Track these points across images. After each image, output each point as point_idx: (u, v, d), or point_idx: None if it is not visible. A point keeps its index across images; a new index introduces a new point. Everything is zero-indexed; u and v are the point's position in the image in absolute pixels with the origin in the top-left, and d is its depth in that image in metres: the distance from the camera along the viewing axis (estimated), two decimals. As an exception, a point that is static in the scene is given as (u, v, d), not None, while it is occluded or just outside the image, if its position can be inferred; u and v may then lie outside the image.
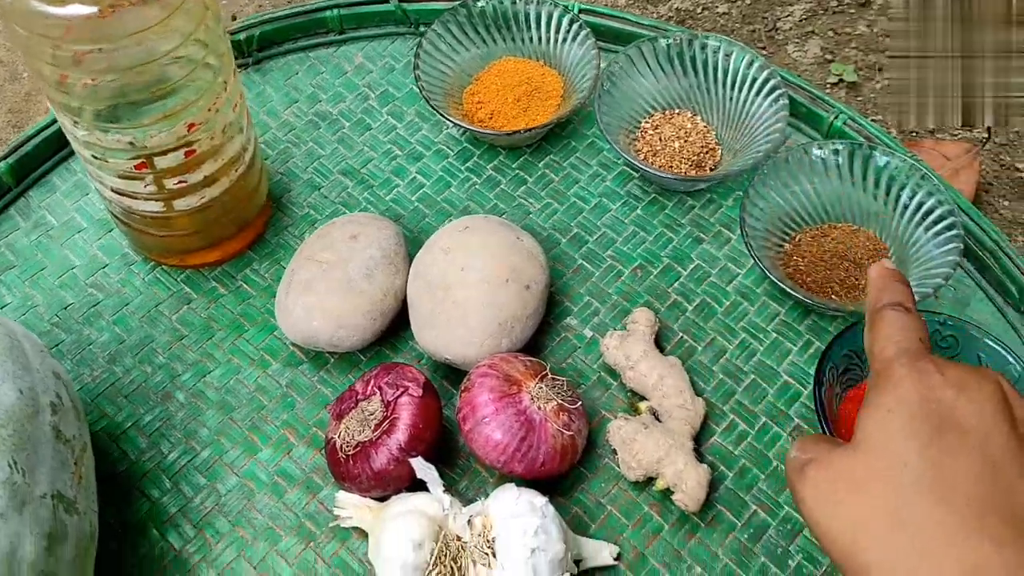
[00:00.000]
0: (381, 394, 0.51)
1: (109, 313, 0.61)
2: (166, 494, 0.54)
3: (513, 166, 0.67)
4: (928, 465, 0.33)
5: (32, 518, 0.41)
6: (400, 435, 0.50)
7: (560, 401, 0.51)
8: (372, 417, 0.51)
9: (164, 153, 0.51)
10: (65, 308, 0.61)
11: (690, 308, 0.60)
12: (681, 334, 0.59)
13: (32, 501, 0.41)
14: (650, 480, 0.53)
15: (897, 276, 0.40)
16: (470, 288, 0.54)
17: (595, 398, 0.57)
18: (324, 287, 0.56)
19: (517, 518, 0.47)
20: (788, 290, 0.56)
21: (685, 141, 0.65)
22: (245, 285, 0.62)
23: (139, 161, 0.51)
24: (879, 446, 0.34)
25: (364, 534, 0.52)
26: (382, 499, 0.51)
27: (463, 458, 0.55)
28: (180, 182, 0.54)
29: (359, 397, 0.52)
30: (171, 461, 0.55)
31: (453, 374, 0.57)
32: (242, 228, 0.61)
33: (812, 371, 0.57)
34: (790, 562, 0.51)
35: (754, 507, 0.53)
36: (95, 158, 0.52)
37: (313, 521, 0.53)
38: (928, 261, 0.56)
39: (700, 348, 0.59)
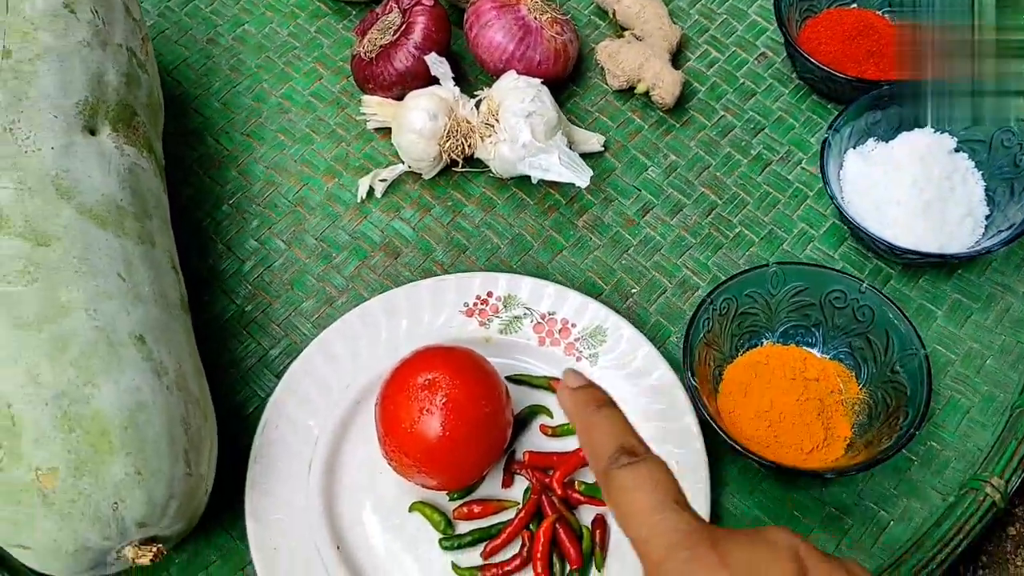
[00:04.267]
0: (399, 6, 0.59)
1: (154, -21, 0.68)
2: (215, 112, 0.62)
3: None
4: None
5: (113, 57, 0.49)
6: (416, 36, 0.58)
7: (554, 14, 0.59)
8: (391, 26, 0.59)
9: None
10: (116, -24, 0.68)
11: (672, -33, 0.67)
12: (663, -13, 0.67)
13: (111, 45, 0.50)
14: (631, 89, 0.61)
15: (596, 399, 0.33)
16: (474, -72, 0.62)
17: (587, 35, 0.65)
18: (345, -65, 0.63)
19: (516, 90, 0.56)
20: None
21: None
22: (274, -44, 0.69)
23: None
24: None
25: (387, 136, 0.60)
26: (401, 99, 0.60)
27: (473, 82, 0.63)
28: None
29: (379, 15, 0.60)
30: (217, 88, 0.63)
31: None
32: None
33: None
34: (752, 151, 0.60)
35: (722, 112, 0.61)
36: None
37: (343, 128, 0.61)
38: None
39: (680, -3, 0.66)
